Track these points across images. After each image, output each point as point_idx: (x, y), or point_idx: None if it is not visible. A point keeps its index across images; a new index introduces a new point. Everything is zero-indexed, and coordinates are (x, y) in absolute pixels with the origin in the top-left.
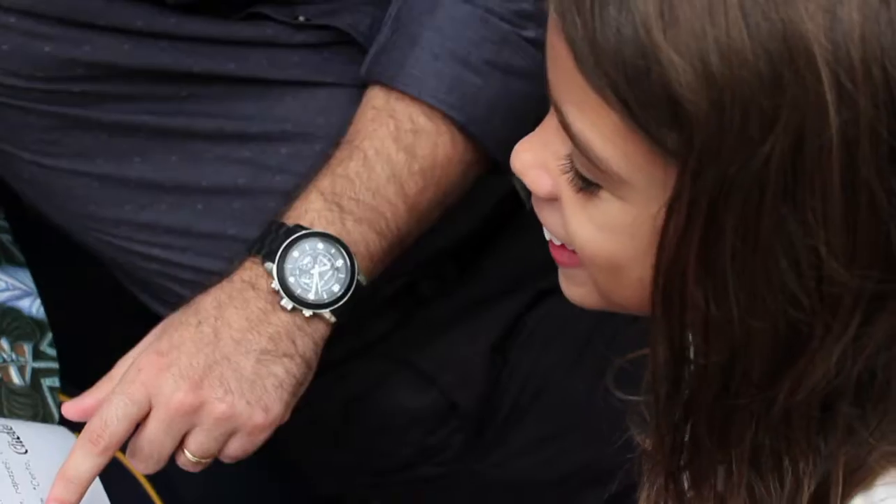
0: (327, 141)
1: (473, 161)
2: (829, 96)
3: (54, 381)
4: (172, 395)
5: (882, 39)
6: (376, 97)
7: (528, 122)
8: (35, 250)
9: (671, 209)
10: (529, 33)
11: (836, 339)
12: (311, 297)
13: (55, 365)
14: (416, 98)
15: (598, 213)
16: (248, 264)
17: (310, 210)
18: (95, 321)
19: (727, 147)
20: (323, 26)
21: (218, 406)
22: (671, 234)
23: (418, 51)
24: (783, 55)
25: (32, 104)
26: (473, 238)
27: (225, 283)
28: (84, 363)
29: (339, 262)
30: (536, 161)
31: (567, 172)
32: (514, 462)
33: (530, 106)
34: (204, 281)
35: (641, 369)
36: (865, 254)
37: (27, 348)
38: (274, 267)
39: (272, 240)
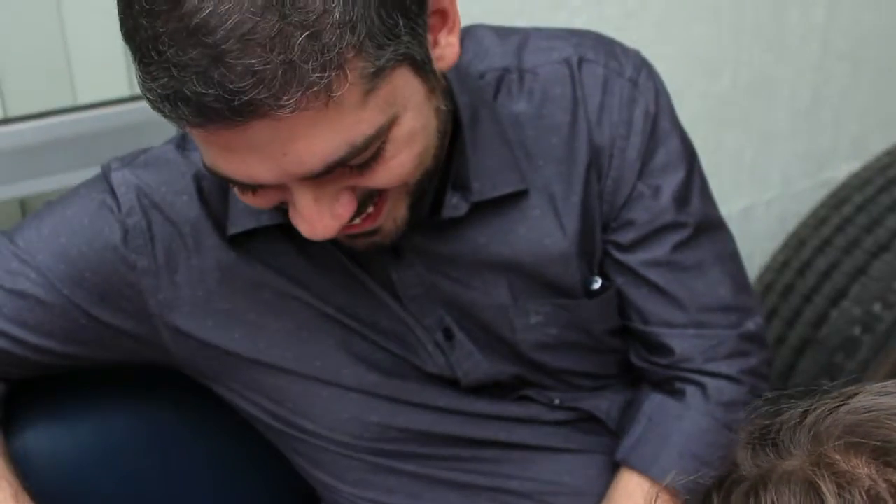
0: (568, 497)
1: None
2: None
3: None
4: None
5: None
6: (630, 479)
7: None
8: None
9: None
10: None
11: None
12: None
13: None
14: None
15: None
16: None
17: None
18: None
19: None
20: (572, 408)
21: None
22: None
23: (669, 449)
24: None
25: (357, 454)
26: None
27: None
28: None
29: None
30: None
31: None
32: None
33: None
34: None
35: None
36: None
37: None
38: None
39: None
